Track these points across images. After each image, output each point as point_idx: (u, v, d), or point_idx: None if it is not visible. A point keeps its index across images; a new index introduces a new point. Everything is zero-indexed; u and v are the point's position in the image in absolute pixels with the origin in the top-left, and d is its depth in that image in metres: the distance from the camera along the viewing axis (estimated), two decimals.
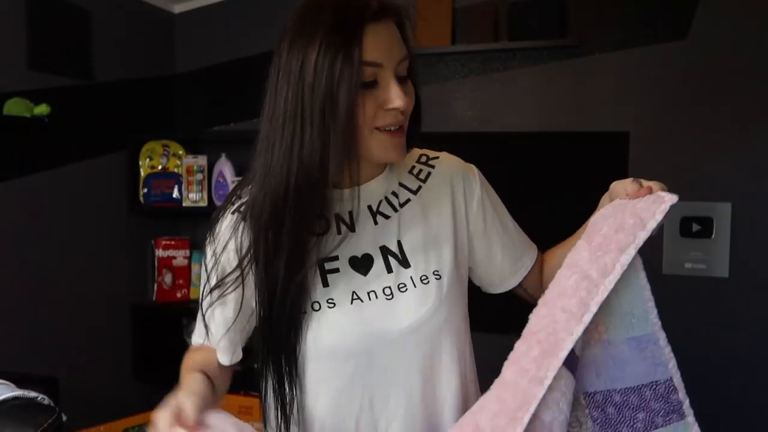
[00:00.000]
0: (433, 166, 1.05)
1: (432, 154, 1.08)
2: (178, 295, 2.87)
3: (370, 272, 0.95)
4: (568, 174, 2.57)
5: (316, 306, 0.93)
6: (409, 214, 1.00)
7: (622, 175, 2.65)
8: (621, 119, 2.51)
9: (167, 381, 3.22)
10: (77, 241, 2.54)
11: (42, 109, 2.25)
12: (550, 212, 2.58)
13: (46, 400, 1.34)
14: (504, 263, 1.08)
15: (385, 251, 0.96)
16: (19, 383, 1.41)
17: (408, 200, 1.01)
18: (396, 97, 0.87)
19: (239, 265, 0.94)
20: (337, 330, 0.92)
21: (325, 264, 0.95)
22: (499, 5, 2.59)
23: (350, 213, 0.97)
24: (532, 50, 2.57)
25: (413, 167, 1.04)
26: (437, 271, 0.97)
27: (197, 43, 3.03)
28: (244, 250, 0.94)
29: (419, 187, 1.02)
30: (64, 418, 1.30)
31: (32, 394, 1.34)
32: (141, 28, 2.86)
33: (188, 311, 3.00)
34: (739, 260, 2.41)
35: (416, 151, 1.07)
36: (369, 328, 0.92)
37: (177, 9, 3.04)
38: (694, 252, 2.45)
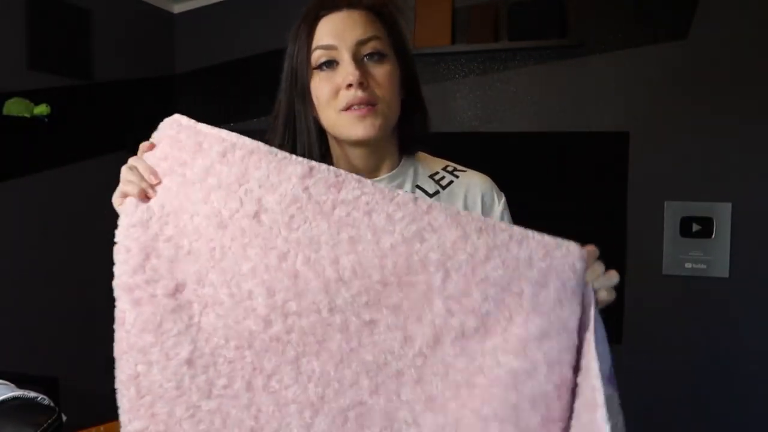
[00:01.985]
0: (457, 176, 1.04)
1: (461, 167, 1.07)
2: None
3: None
4: (568, 174, 2.57)
5: None
6: None
7: (622, 175, 2.66)
8: (621, 119, 2.51)
9: None
10: (77, 241, 2.54)
11: (42, 109, 2.25)
12: (550, 212, 2.58)
13: (46, 400, 1.34)
14: None
15: None
16: (19, 383, 1.41)
17: None
18: (348, 74, 0.90)
19: None
20: None
21: None
22: (499, 5, 2.59)
23: None
24: (532, 50, 2.57)
25: (437, 173, 1.04)
26: None
27: (197, 43, 3.03)
28: None
29: (436, 192, 1.02)
30: (64, 418, 1.30)
31: (32, 394, 1.34)
32: (141, 28, 2.86)
33: None
34: (739, 260, 2.41)
35: (443, 161, 1.07)
36: None
37: (177, 9, 3.04)
38: (694, 252, 2.45)
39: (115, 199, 0.86)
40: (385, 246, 0.77)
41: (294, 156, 0.80)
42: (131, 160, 0.88)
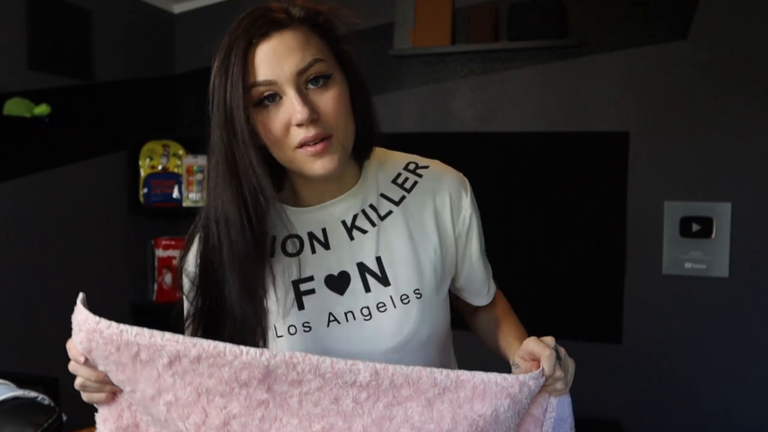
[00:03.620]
0: (420, 175, 0.98)
1: (422, 162, 1.00)
2: (178, 295, 2.86)
3: (347, 291, 0.91)
4: (568, 174, 2.57)
5: (292, 330, 0.90)
6: (391, 227, 0.94)
7: (622, 175, 2.66)
8: (621, 119, 2.51)
9: None
10: (77, 241, 2.54)
11: (42, 109, 2.25)
12: (550, 212, 2.58)
13: (46, 400, 1.34)
14: (477, 284, 1.07)
15: (362, 268, 0.92)
16: (19, 383, 1.41)
17: (390, 212, 0.95)
18: (296, 111, 0.82)
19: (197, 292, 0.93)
20: (317, 353, 0.85)
21: (300, 285, 0.91)
22: (499, 5, 2.59)
23: (323, 230, 0.94)
24: (532, 50, 2.57)
25: (399, 175, 0.98)
26: (418, 289, 0.92)
27: (197, 43, 3.03)
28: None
29: (402, 198, 0.96)
30: (64, 418, 1.30)
31: (32, 394, 1.34)
32: (141, 28, 2.86)
33: None
34: (739, 260, 2.41)
35: (405, 158, 1.01)
36: (348, 349, 0.89)
37: (177, 9, 3.04)
38: (694, 252, 2.45)
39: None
40: (358, 430, 0.77)
41: (244, 351, 0.74)
42: (75, 372, 0.81)
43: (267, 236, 0.88)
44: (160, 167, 2.83)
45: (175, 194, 2.84)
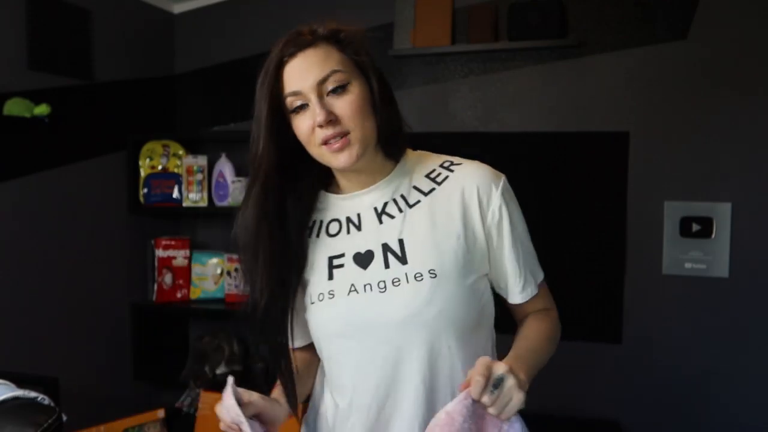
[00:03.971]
0: (452, 171, 1.09)
1: (458, 160, 1.12)
2: (178, 295, 2.87)
3: (369, 267, 1.05)
4: (568, 174, 2.57)
5: (321, 297, 1.07)
6: (417, 214, 1.06)
7: (623, 175, 2.66)
8: (621, 119, 2.51)
9: (167, 381, 3.24)
10: (77, 241, 2.54)
11: (42, 109, 2.25)
12: (550, 212, 2.58)
13: (46, 400, 1.34)
14: (509, 279, 1.12)
15: (385, 248, 1.05)
16: (19, 383, 1.41)
17: (418, 201, 1.07)
18: (316, 115, 0.99)
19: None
20: (336, 316, 1.06)
21: (334, 260, 1.08)
22: (499, 5, 2.59)
23: (358, 215, 1.10)
24: (532, 50, 2.57)
25: (433, 171, 1.10)
26: (433, 270, 1.02)
27: (197, 43, 3.03)
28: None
29: (432, 189, 1.08)
30: (64, 418, 1.30)
31: (32, 394, 1.34)
32: (141, 28, 2.86)
33: (188, 311, 3.01)
34: (739, 260, 2.41)
35: (444, 157, 1.13)
36: (362, 315, 1.03)
37: (177, 9, 3.04)
38: (694, 252, 2.45)
39: None
40: None
41: None
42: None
43: (292, 228, 1.08)
44: (160, 167, 2.83)
45: (175, 194, 2.84)
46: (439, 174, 1.09)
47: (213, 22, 3.00)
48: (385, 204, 1.08)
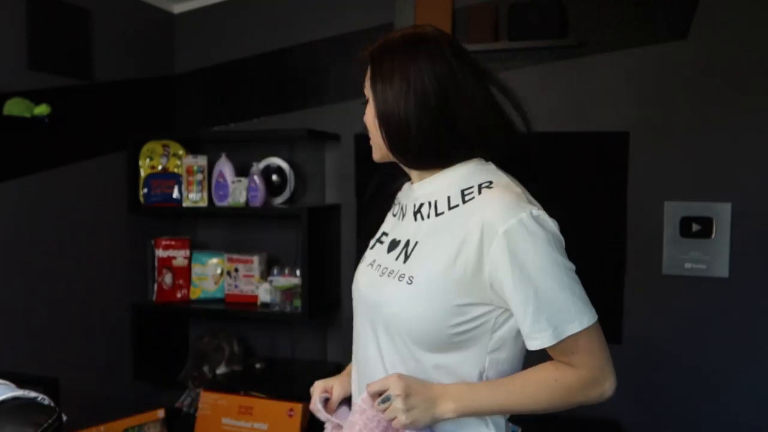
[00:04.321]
0: (480, 194, 1.08)
1: (495, 183, 1.10)
2: (178, 295, 2.87)
3: (391, 253, 1.16)
4: (568, 174, 2.57)
5: (362, 259, 1.26)
6: (436, 224, 1.11)
7: (623, 175, 2.66)
8: (621, 119, 2.52)
9: (167, 381, 3.24)
10: (77, 241, 2.54)
11: (42, 109, 2.25)
12: (550, 212, 2.58)
13: (46, 400, 1.34)
14: (518, 322, 1.05)
15: (405, 243, 1.14)
16: (19, 383, 1.41)
17: (442, 213, 1.11)
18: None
19: None
20: (355, 280, 1.24)
21: (382, 237, 1.24)
22: (499, 5, 2.59)
23: (404, 206, 1.21)
24: (532, 50, 2.57)
25: (470, 188, 1.10)
26: (412, 277, 1.07)
27: (197, 43, 3.04)
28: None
29: (456, 206, 1.10)
30: (64, 418, 1.30)
31: (32, 394, 1.34)
32: (141, 28, 2.86)
33: (188, 311, 3.01)
34: (739, 260, 2.41)
35: (489, 176, 1.13)
36: (359, 288, 1.21)
37: (177, 9, 3.04)
38: (694, 252, 2.45)
39: None
40: None
41: None
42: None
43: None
44: (160, 167, 2.83)
45: (175, 194, 2.84)
46: (470, 193, 1.09)
47: (213, 22, 3.00)
48: (421, 205, 1.15)
